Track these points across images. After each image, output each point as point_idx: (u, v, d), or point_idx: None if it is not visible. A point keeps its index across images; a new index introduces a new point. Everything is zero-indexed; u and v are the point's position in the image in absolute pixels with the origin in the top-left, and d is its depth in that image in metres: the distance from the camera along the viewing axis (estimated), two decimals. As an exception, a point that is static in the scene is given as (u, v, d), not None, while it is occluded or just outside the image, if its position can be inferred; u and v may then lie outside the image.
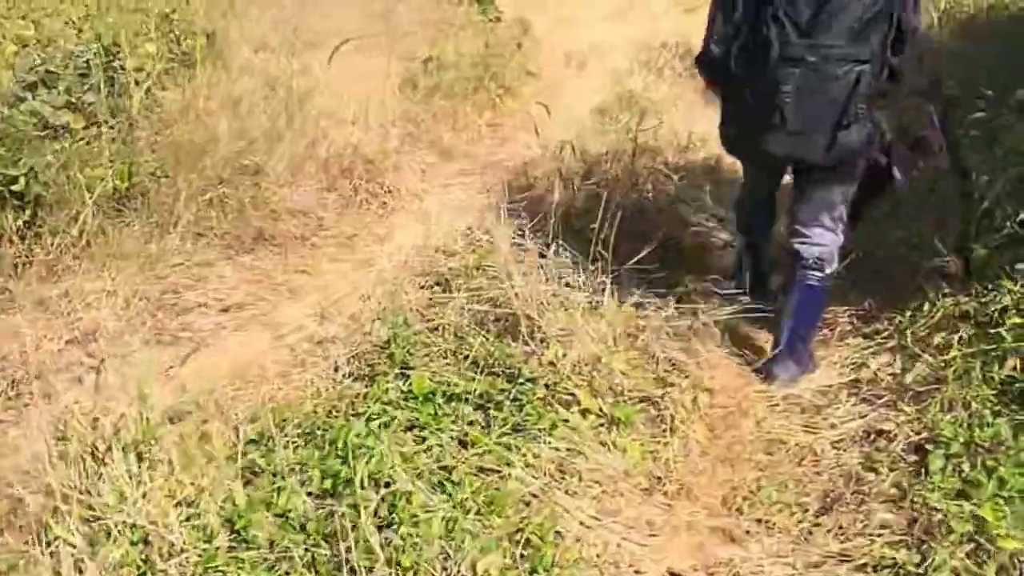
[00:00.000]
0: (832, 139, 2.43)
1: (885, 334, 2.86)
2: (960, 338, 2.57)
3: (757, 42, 2.41)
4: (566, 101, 5.93)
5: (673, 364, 2.61)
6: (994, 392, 2.43)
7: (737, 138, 2.68)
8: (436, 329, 2.66)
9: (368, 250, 3.59)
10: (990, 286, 2.80)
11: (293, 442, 2.16)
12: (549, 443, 2.21)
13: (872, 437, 2.42)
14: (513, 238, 3.01)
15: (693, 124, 4.51)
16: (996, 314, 2.65)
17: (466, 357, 2.51)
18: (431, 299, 2.95)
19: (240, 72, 5.04)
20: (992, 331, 2.59)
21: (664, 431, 2.37)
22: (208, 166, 3.78)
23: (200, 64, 4.99)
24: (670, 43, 6.62)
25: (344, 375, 2.58)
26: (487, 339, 2.55)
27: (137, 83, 4.25)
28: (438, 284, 3.12)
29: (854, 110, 2.40)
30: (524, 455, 2.16)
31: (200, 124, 4.21)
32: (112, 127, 3.88)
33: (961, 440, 2.27)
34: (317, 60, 5.15)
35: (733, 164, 3.69)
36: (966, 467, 2.19)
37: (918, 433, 2.38)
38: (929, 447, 2.30)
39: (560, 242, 3.04)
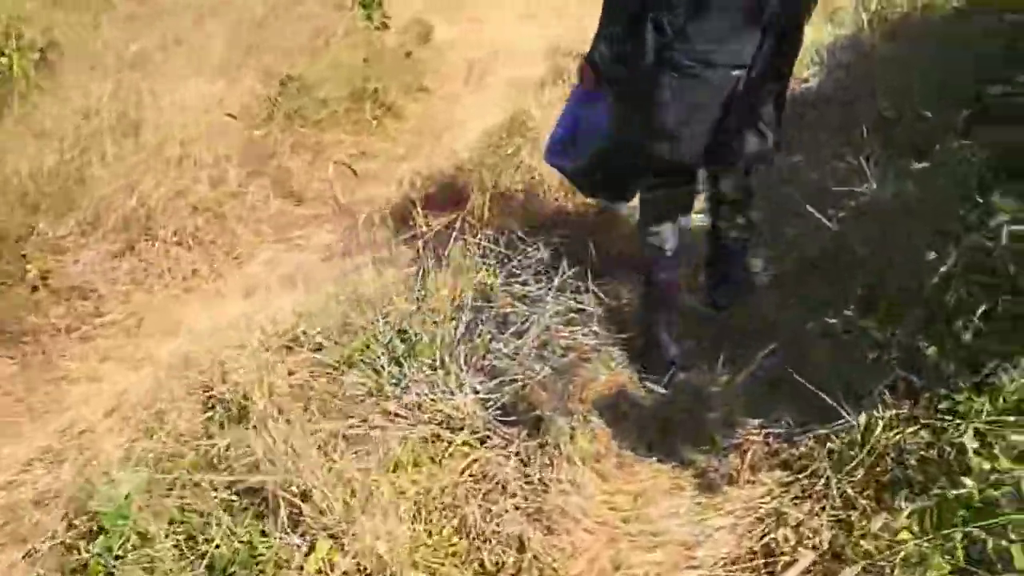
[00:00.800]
0: (708, 145, 2.29)
1: (811, 468, 2.13)
2: (911, 511, 1.82)
3: (637, 46, 2.26)
4: (460, 118, 5.18)
5: (512, 544, 1.84)
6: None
7: (619, 148, 2.44)
8: (172, 503, 1.86)
9: (151, 344, 2.74)
10: (943, 391, 2.11)
11: None
12: None
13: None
14: (312, 345, 2.22)
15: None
16: (954, 452, 1.94)
17: (203, 556, 1.72)
18: (195, 440, 2.14)
19: (66, 97, 4.20)
20: (954, 479, 1.88)
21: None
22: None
23: (21, 84, 4.15)
24: (585, 48, 5.85)
25: (28, 584, 1.77)
26: (235, 528, 1.76)
27: None
28: (222, 403, 2.32)
29: (742, 116, 2.26)
30: None
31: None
32: None
33: None
34: (159, 82, 4.34)
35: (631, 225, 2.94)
36: None
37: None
38: None
39: (374, 345, 2.27)
